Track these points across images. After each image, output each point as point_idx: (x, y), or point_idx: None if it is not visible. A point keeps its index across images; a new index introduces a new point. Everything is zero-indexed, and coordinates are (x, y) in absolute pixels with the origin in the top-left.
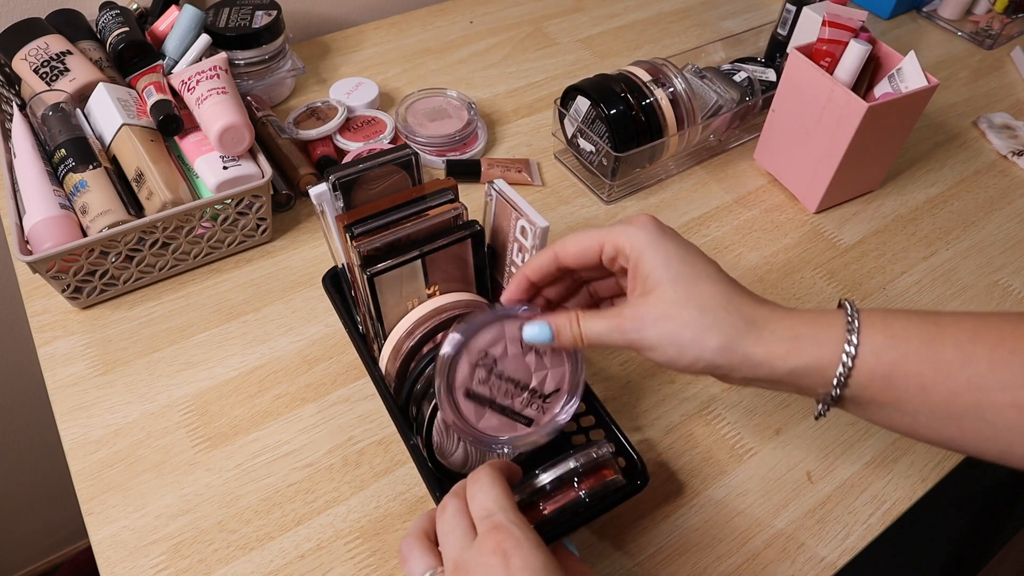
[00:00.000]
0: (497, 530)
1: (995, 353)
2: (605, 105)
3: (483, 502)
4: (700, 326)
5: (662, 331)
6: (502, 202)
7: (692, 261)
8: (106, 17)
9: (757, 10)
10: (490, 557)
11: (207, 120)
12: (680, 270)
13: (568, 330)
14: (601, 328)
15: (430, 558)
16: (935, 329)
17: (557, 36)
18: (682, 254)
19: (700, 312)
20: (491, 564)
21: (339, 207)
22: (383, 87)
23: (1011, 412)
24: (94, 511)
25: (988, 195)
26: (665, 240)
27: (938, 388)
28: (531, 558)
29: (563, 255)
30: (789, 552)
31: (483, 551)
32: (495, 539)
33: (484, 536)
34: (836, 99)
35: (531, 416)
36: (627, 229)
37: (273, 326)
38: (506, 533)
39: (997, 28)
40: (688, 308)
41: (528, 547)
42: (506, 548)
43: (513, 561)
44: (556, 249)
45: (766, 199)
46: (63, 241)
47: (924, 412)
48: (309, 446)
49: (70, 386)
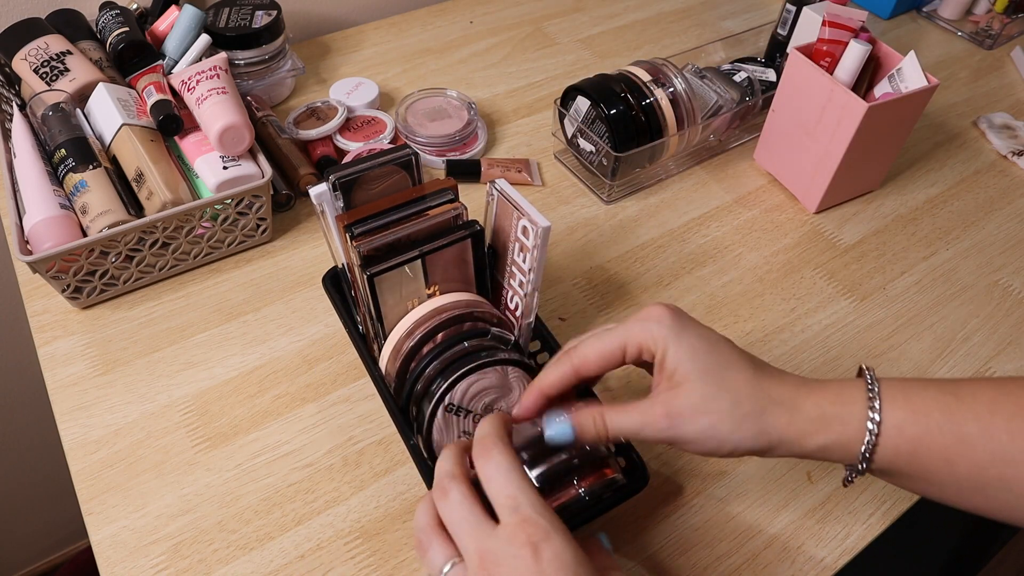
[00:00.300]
0: (526, 523)
1: (1013, 423)
2: (605, 105)
3: (504, 487)
4: (736, 418)
5: (699, 426)
6: (503, 202)
7: (717, 350)
8: (106, 17)
9: (757, 10)
10: (520, 549)
11: (207, 120)
12: (707, 361)
13: (592, 428)
14: (630, 424)
15: (450, 547)
16: (955, 402)
17: (557, 36)
18: (706, 345)
19: (734, 404)
20: (522, 556)
21: (339, 207)
22: (383, 87)
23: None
24: (94, 511)
25: (988, 195)
26: (687, 331)
27: (963, 461)
28: (562, 551)
29: (584, 367)
30: (789, 552)
31: (513, 543)
32: (525, 532)
33: (514, 530)
34: (836, 99)
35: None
36: (646, 325)
37: (273, 326)
38: (535, 526)
39: (997, 28)
40: (721, 400)
41: (558, 540)
42: (536, 541)
43: (544, 554)
44: (575, 362)
45: (766, 199)
46: (63, 241)
47: (951, 484)
48: (309, 446)
49: (70, 386)
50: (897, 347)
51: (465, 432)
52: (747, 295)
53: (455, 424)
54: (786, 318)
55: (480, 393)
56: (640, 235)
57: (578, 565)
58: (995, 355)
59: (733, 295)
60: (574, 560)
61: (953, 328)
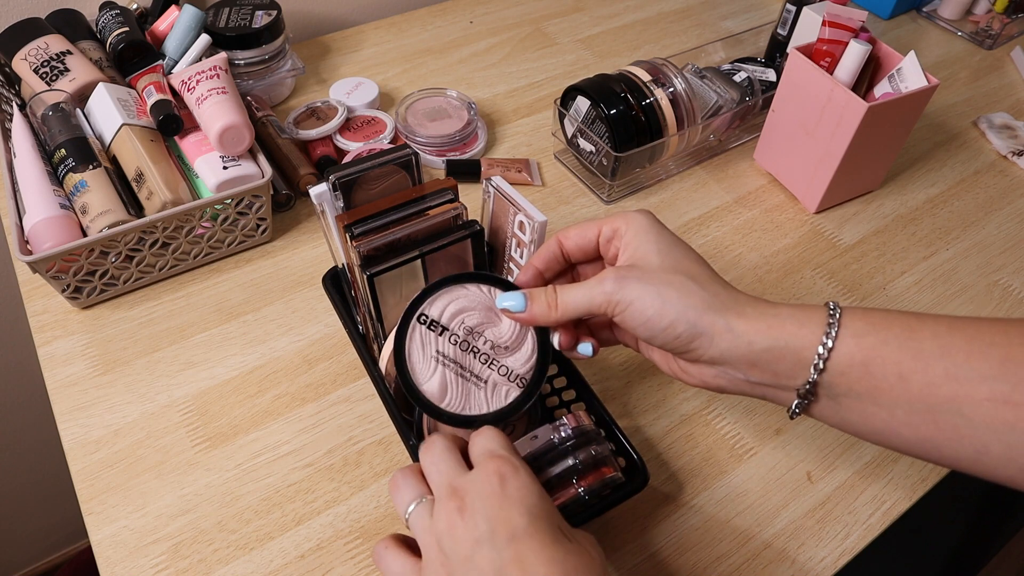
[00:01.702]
0: (496, 458)
1: (972, 344)
2: (605, 105)
3: (485, 444)
4: (686, 289)
5: (644, 288)
6: (500, 198)
7: (682, 246)
8: (106, 17)
9: (757, 10)
10: (489, 477)
11: (207, 120)
12: (670, 249)
13: (543, 298)
14: (580, 293)
15: (421, 486)
16: (915, 321)
17: (557, 36)
18: (673, 239)
19: (686, 278)
20: (489, 483)
21: (339, 207)
22: (383, 87)
23: (987, 406)
24: (94, 511)
25: (988, 195)
26: (659, 227)
27: (916, 377)
28: (527, 483)
29: (564, 239)
30: (789, 552)
31: (481, 473)
32: (493, 464)
33: (482, 463)
34: (836, 99)
35: (484, 378)
36: (626, 214)
37: (273, 326)
38: (504, 460)
39: (997, 28)
40: (675, 274)
41: (525, 475)
42: (504, 473)
43: (510, 483)
44: (559, 235)
45: (766, 199)
46: (63, 241)
47: (902, 404)
48: (309, 446)
49: (70, 386)
50: None
51: (440, 353)
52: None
53: (431, 343)
54: None
55: (461, 312)
56: None
57: (541, 499)
58: None
59: None
60: (538, 493)
61: None
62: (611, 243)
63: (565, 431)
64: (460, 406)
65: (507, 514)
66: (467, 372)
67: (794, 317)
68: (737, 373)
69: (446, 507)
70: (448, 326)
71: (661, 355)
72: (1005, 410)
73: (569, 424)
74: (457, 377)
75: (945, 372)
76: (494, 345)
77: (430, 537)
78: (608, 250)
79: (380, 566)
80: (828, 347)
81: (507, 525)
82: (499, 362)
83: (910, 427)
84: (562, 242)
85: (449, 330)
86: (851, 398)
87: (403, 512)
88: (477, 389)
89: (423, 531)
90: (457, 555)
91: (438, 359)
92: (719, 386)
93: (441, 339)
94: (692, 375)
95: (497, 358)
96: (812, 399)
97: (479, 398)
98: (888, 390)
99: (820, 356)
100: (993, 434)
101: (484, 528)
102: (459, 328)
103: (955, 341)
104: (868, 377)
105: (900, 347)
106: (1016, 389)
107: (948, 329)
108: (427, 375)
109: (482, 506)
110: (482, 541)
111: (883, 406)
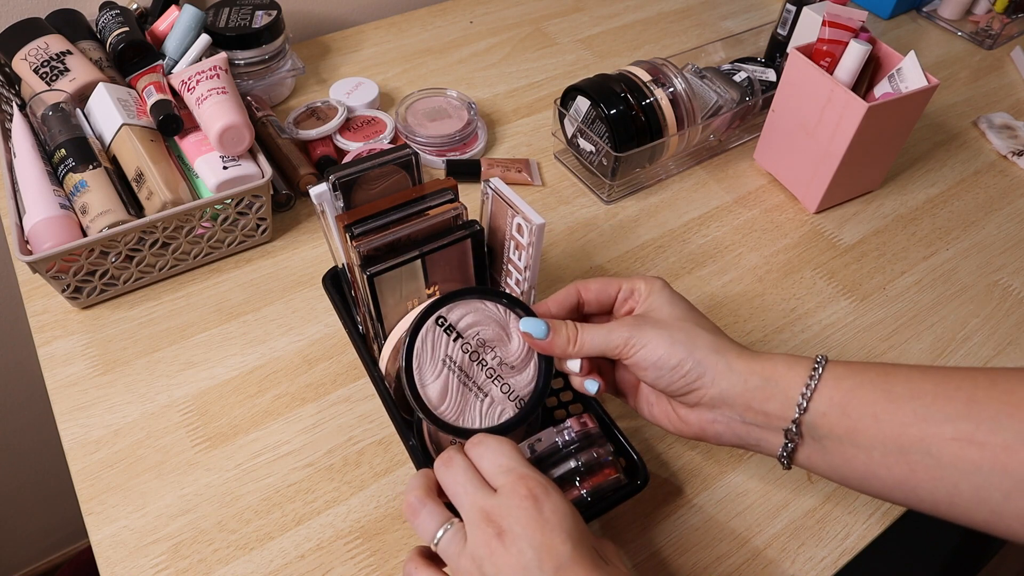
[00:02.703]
0: (524, 479)
1: (939, 387)
2: (605, 105)
3: (496, 459)
4: (693, 334)
5: (658, 332)
6: (498, 200)
7: (691, 306)
8: (106, 17)
9: (757, 10)
10: (523, 501)
11: (207, 120)
12: (684, 308)
13: (564, 331)
14: (599, 333)
15: (444, 511)
16: (891, 368)
17: (557, 36)
18: (684, 300)
19: (694, 325)
20: (524, 508)
21: (339, 207)
22: (383, 87)
23: (953, 446)
24: (94, 511)
25: (988, 195)
26: (672, 290)
27: (888, 418)
28: (560, 504)
29: (584, 289)
30: (789, 552)
31: (514, 496)
32: (525, 486)
33: (513, 485)
34: (836, 99)
35: (487, 391)
36: (645, 277)
37: (273, 326)
38: (534, 481)
39: (997, 28)
40: (684, 322)
41: (556, 495)
42: (536, 494)
43: (545, 505)
44: (578, 285)
45: (766, 199)
46: (63, 241)
47: (877, 446)
48: (309, 446)
49: (70, 386)
50: (897, 347)
51: (450, 358)
52: (747, 295)
53: (442, 345)
54: (786, 318)
55: (476, 324)
56: (640, 235)
57: (576, 520)
58: (995, 355)
59: (733, 295)
60: (572, 514)
61: (953, 328)
62: (626, 303)
63: (569, 434)
64: (455, 415)
65: (550, 541)
66: (471, 382)
67: (785, 361)
68: (734, 415)
69: (483, 532)
70: (463, 334)
71: (661, 410)
72: (971, 450)
73: (573, 427)
74: (460, 385)
75: (914, 413)
76: (502, 362)
77: (469, 563)
78: (622, 308)
79: (415, 522)
80: (812, 388)
81: (552, 553)
82: (503, 379)
83: (887, 468)
84: (581, 291)
85: (463, 338)
86: (832, 440)
87: (430, 539)
88: (476, 401)
89: (458, 556)
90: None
91: (446, 363)
92: (716, 433)
93: (454, 345)
94: (691, 424)
95: (502, 375)
96: (799, 440)
97: (475, 410)
98: (864, 431)
99: (803, 396)
100: (961, 475)
101: (530, 555)
102: (473, 338)
103: (925, 385)
104: (846, 418)
105: (874, 389)
106: (979, 428)
107: (920, 375)
108: (431, 377)
109: (523, 532)
110: (529, 569)
111: (861, 448)
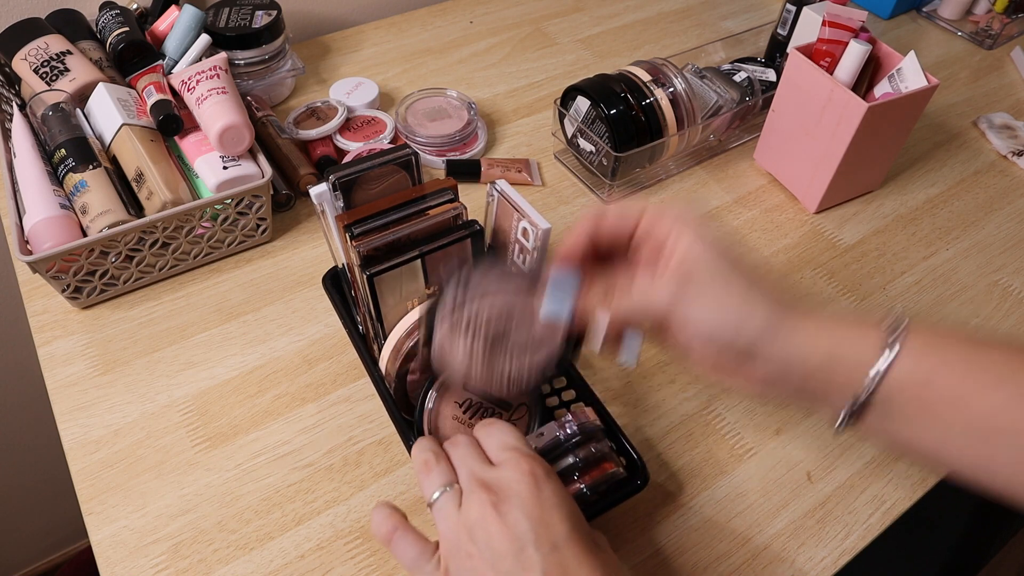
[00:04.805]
0: (528, 458)
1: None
2: (605, 105)
3: (501, 438)
4: (749, 297)
5: (705, 297)
6: (504, 203)
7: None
8: (106, 17)
9: (757, 10)
10: (524, 476)
11: (207, 120)
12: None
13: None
14: (631, 301)
15: (451, 475)
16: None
17: (557, 36)
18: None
19: (749, 284)
20: (525, 483)
21: (339, 207)
22: (383, 87)
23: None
24: (94, 511)
25: (988, 195)
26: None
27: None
28: (560, 489)
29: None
30: (789, 552)
31: (516, 470)
32: (527, 463)
33: (516, 460)
34: (836, 99)
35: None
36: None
37: (273, 326)
38: (536, 462)
39: (997, 28)
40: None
41: (556, 480)
42: (537, 474)
43: (544, 488)
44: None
45: (766, 199)
46: (63, 241)
47: (957, 428)
48: (309, 446)
49: (70, 386)
50: None
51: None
52: None
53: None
54: None
55: (495, 313)
56: None
57: (574, 506)
58: None
59: None
60: (570, 500)
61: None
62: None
63: (571, 427)
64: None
65: (548, 518)
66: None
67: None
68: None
69: (478, 497)
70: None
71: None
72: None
73: (574, 421)
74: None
75: (1008, 399)
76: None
77: (459, 526)
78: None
79: (394, 551)
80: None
81: (549, 530)
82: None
83: (962, 450)
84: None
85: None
86: (903, 418)
87: (429, 495)
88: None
89: (448, 518)
90: (492, 549)
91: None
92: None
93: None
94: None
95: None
96: (861, 413)
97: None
98: (943, 413)
99: (877, 372)
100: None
101: (525, 527)
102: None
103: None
104: (924, 398)
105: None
106: None
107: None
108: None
109: (520, 504)
110: (524, 542)
111: (935, 430)
